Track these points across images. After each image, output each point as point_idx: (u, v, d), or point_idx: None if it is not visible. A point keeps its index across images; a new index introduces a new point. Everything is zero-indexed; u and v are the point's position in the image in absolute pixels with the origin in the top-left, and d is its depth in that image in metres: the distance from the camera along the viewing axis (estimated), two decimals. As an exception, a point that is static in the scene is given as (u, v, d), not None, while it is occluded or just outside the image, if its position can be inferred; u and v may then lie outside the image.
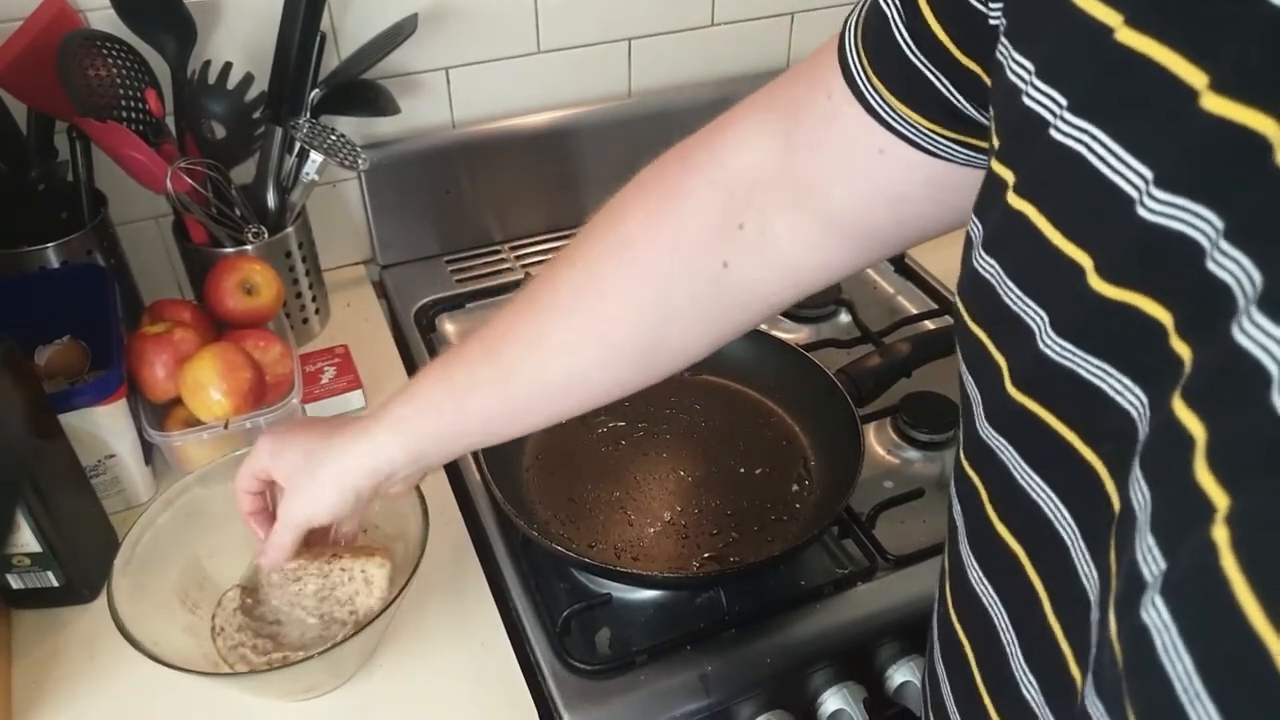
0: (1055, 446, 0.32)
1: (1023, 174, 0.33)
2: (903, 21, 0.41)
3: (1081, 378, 0.30)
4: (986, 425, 0.37)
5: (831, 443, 0.82)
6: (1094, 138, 0.29)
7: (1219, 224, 0.25)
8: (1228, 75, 0.25)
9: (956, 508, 0.42)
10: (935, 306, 1.05)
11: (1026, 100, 0.32)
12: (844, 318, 1.05)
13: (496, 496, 0.74)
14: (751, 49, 1.15)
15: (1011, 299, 0.33)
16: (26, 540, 0.67)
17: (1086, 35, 0.29)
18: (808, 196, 0.48)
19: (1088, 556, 0.31)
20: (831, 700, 0.72)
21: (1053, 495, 0.33)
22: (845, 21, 0.46)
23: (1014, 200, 0.32)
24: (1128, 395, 0.28)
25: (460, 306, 1.05)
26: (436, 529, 0.67)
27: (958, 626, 0.42)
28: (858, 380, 0.84)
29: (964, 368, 0.38)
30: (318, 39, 0.90)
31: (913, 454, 0.88)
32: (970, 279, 0.35)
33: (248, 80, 0.91)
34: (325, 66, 0.93)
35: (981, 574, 0.39)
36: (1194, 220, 0.25)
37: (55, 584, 0.70)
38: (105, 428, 0.75)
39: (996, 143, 0.35)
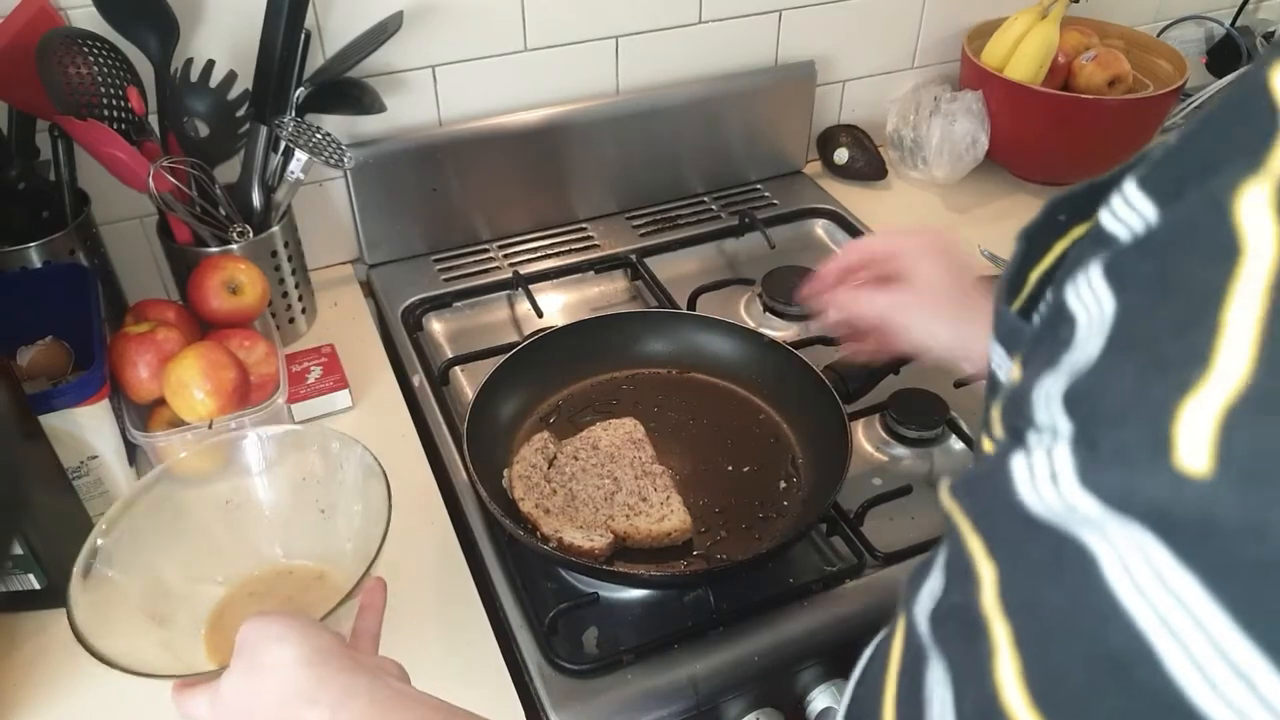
0: None
1: None
2: None
3: None
4: None
5: (820, 440, 0.82)
6: None
7: None
8: None
9: None
10: (924, 303, 1.05)
11: None
12: (833, 315, 1.04)
13: (483, 496, 0.74)
14: (739, 46, 1.14)
15: None
16: (7, 542, 0.67)
17: None
18: None
19: None
20: (820, 698, 0.72)
21: None
22: None
23: None
24: None
25: (448, 305, 1.04)
26: (422, 528, 0.67)
27: None
28: (846, 377, 0.84)
29: None
30: (302, 36, 0.89)
31: (901, 451, 0.88)
32: None
33: (231, 78, 0.90)
34: (310, 64, 0.93)
35: None
36: None
37: (37, 586, 0.70)
38: (87, 428, 0.74)
39: None
